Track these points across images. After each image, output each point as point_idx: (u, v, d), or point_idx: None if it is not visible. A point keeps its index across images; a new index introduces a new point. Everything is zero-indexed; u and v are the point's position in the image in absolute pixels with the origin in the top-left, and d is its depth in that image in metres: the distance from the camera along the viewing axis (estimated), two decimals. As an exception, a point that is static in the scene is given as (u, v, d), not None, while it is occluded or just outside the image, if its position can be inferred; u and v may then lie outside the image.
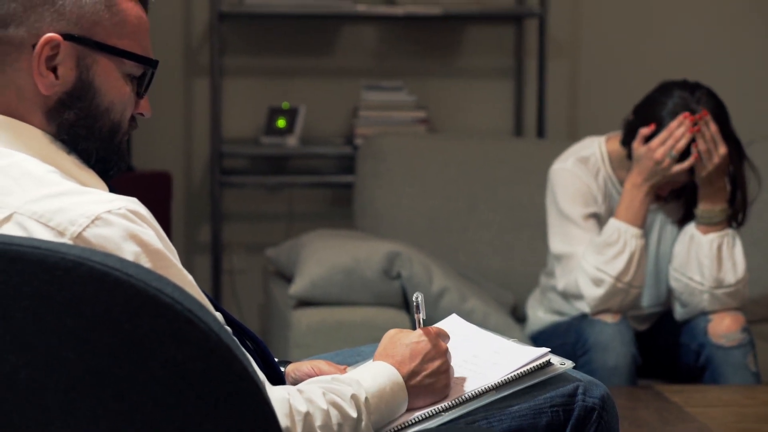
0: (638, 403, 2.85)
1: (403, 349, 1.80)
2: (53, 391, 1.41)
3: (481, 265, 3.89)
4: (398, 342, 1.81)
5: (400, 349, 1.80)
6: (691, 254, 3.23)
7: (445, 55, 4.64)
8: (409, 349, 1.80)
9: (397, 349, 1.80)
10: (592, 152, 3.34)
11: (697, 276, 3.22)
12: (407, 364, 1.78)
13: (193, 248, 4.62)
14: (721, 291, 3.22)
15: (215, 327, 1.42)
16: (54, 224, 1.52)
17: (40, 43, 1.63)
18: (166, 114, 4.54)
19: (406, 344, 1.80)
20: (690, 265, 3.23)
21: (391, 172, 3.95)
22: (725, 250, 3.23)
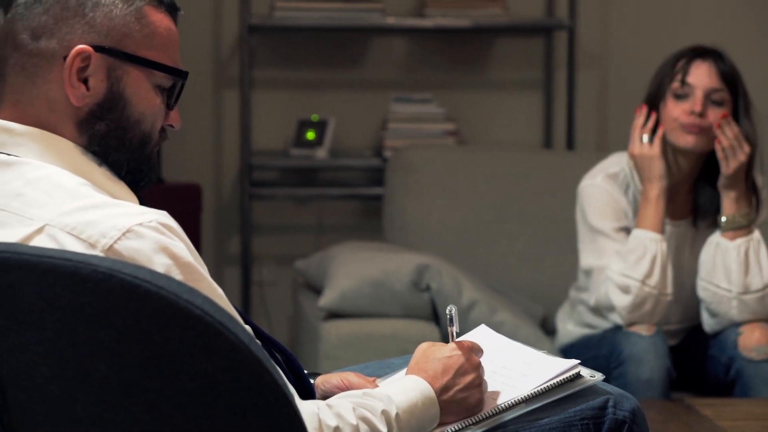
0: (669, 417, 2.84)
1: (435, 363, 1.79)
2: (84, 403, 1.41)
3: (511, 277, 3.88)
4: (431, 356, 1.80)
5: (432, 364, 1.79)
6: (717, 261, 3.22)
7: (474, 67, 4.63)
8: (442, 364, 1.79)
9: (430, 364, 1.79)
10: (621, 168, 3.34)
11: (724, 283, 3.21)
12: (440, 379, 1.77)
13: (222, 260, 4.62)
14: (749, 296, 3.20)
15: (245, 339, 1.42)
16: (85, 236, 1.53)
17: (71, 55, 1.64)
18: (196, 126, 4.55)
19: (439, 358, 1.79)
20: (716, 272, 3.22)
21: (420, 184, 3.95)
22: (752, 254, 3.22)
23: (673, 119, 3.23)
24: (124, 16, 1.67)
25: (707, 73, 3.23)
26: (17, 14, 1.67)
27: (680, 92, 3.24)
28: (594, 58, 4.66)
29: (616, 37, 4.67)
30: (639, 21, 4.66)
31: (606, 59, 4.68)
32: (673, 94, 3.24)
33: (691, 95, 3.23)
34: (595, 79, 4.68)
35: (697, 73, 3.23)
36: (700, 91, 3.22)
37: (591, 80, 4.66)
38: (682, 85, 3.23)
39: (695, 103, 3.21)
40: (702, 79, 3.23)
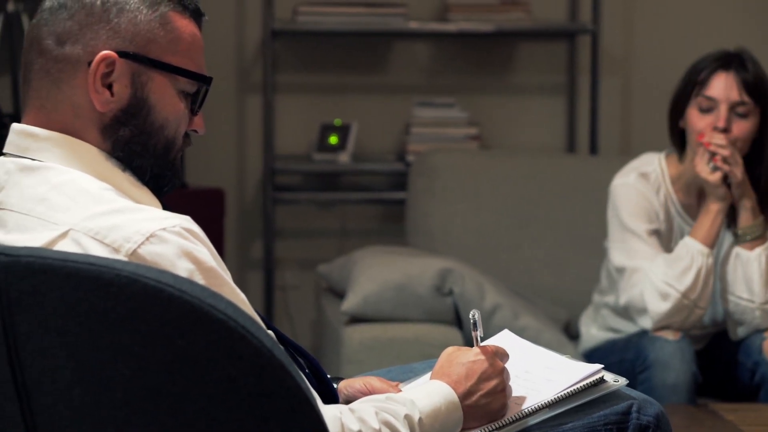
0: (693, 422, 2.83)
1: (459, 368, 1.78)
2: (108, 407, 1.42)
3: (534, 281, 3.87)
4: (455, 361, 1.80)
5: (456, 368, 1.79)
6: (738, 273, 3.21)
7: (497, 71, 4.63)
8: (465, 369, 1.78)
9: (453, 368, 1.79)
10: (653, 169, 3.32)
11: (746, 294, 3.20)
12: (463, 384, 1.77)
13: (245, 264, 4.63)
14: None
15: (268, 343, 1.42)
16: (109, 241, 1.53)
17: (95, 61, 1.65)
18: (220, 131, 4.56)
19: (463, 363, 1.79)
20: (737, 284, 3.21)
21: (443, 188, 3.95)
22: None
23: (697, 132, 3.21)
24: (148, 21, 1.68)
25: (730, 85, 3.19)
26: (42, 20, 1.68)
27: (704, 105, 3.21)
28: (617, 62, 4.65)
29: (639, 41, 4.66)
30: (662, 25, 4.65)
31: (629, 63, 4.67)
32: (698, 107, 3.21)
33: (715, 109, 3.19)
34: (619, 83, 4.67)
35: (719, 86, 3.19)
36: (724, 106, 3.18)
37: (614, 84, 4.65)
38: (705, 98, 3.20)
39: (719, 119, 3.18)
40: (725, 92, 3.19)
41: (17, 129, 1.68)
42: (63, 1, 1.67)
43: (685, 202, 3.31)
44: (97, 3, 1.67)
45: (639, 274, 3.22)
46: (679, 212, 3.31)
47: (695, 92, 3.21)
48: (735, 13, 4.66)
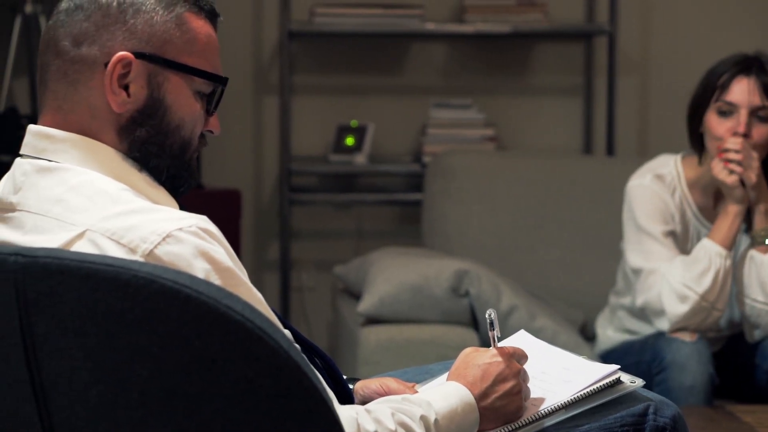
0: (710, 424, 2.82)
1: (475, 369, 1.78)
2: (125, 408, 1.42)
3: (550, 283, 3.87)
4: (471, 362, 1.80)
5: (472, 370, 1.78)
6: (752, 276, 3.20)
7: (514, 72, 4.63)
8: (481, 370, 1.78)
9: (470, 370, 1.78)
10: (669, 171, 3.32)
11: (761, 297, 3.19)
12: (479, 385, 1.77)
13: (262, 265, 4.64)
14: None
15: (285, 344, 1.42)
16: (126, 241, 1.53)
17: (112, 62, 1.65)
18: (236, 132, 4.57)
19: (479, 365, 1.79)
20: (752, 287, 3.20)
21: (459, 190, 3.94)
22: None
23: (717, 138, 3.19)
24: (164, 22, 1.68)
25: (751, 89, 3.17)
26: (58, 21, 1.68)
27: (724, 109, 3.19)
28: (634, 64, 4.65)
29: (656, 42, 4.65)
30: (679, 26, 4.64)
31: (646, 65, 4.66)
32: (717, 111, 3.20)
33: (735, 113, 3.17)
34: (636, 85, 4.66)
35: (739, 90, 3.18)
36: (744, 110, 3.16)
37: (631, 86, 4.64)
38: (725, 103, 3.19)
39: (739, 124, 3.16)
40: (745, 97, 3.17)
41: (34, 130, 1.69)
42: (79, 2, 1.68)
43: (701, 205, 3.31)
44: (114, 4, 1.67)
45: (656, 276, 3.21)
46: (695, 214, 3.30)
47: (715, 97, 3.19)
48: (751, 15, 4.65)
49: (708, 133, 3.22)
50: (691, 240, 3.30)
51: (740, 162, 3.14)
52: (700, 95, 3.24)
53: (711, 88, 3.21)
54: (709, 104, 3.21)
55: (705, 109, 3.22)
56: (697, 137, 3.27)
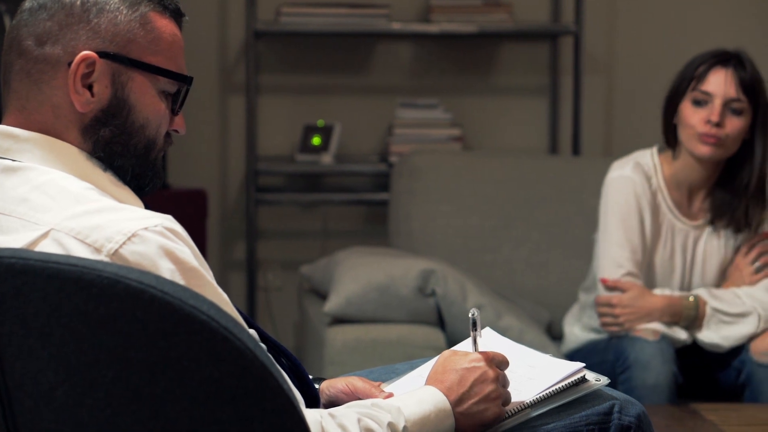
0: (674, 422, 2.84)
1: (453, 374, 1.77)
2: (90, 409, 1.41)
3: (516, 282, 3.88)
4: (449, 366, 1.78)
5: (450, 375, 1.77)
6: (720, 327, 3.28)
7: (480, 72, 4.64)
8: (459, 375, 1.76)
9: (447, 375, 1.77)
10: (647, 162, 3.34)
11: (717, 341, 3.27)
12: (455, 390, 1.75)
13: (228, 265, 4.63)
14: None
15: (251, 344, 1.42)
16: (91, 241, 1.53)
17: (75, 61, 1.64)
18: (202, 132, 4.56)
19: (457, 369, 1.77)
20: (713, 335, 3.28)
21: (426, 189, 3.95)
22: None
23: (690, 126, 3.22)
24: (128, 21, 1.67)
25: (727, 81, 3.21)
26: (22, 20, 1.68)
27: (699, 98, 3.23)
28: (600, 64, 4.66)
29: (621, 42, 4.67)
30: (645, 26, 4.66)
31: (612, 64, 4.68)
32: (692, 100, 3.23)
33: (709, 103, 3.21)
34: (601, 85, 4.68)
35: (716, 81, 3.21)
36: (718, 100, 3.20)
37: (597, 85, 4.66)
38: (701, 92, 3.22)
39: (713, 113, 3.19)
40: (721, 88, 3.21)
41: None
42: (43, 1, 1.67)
43: (676, 200, 3.33)
44: (77, 3, 1.66)
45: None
46: (670, 208, 3.32)
47: (692, 86, 3.23)
48: (718, 15, 4.67)
49: (681, 122, 3.24)
50: (665, 233, 3.32)
51: (616, 316, 3.24)
52: (677, 85, 3.27)
53: (688, 78, 3.24)
54: (685, 94, 3.24)
55: (680, 99, 3.25)
56: (672, 130, 3.29)
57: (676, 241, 3.32)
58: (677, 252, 3.32)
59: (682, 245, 3.33)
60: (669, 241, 3.32)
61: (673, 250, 3.32)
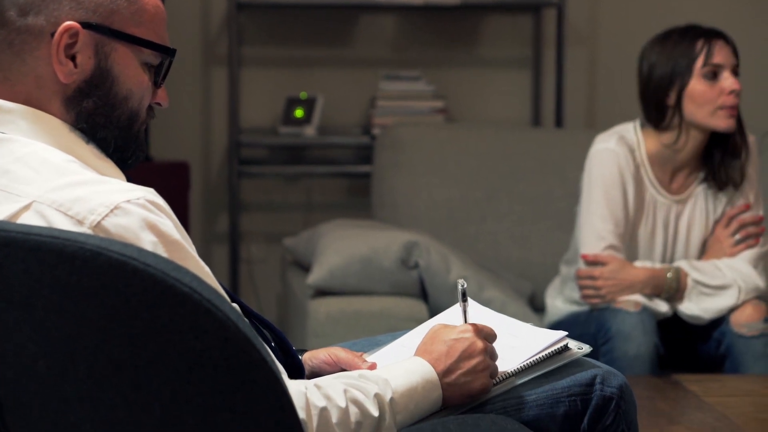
0: (656, 393, 2.85)
1: (441, 345, 1.77)
2: (72, 380, 1.41)
3: (499, 255, 3.88)
4: (438, 338, 1.78)
5: (438, 345, 1.77)
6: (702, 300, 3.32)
7: (463, 44, 4.63)
8: (447, 346, 1.77)
9: (436, 345, 1.77)
10: (630, 136, 3.34)
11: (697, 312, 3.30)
12: (443, 361, 1.75)
13: (211, 238, 4.62)
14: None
15: (233, 316, 1.42)
16: (73, 213, 1.52)
17: (58, 32, 1.64)
18: (185, 104, 4.54)
19: (445, 341, 1.77)
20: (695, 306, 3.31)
21: (409, 162, 3.95)
22: None
23: (709, 102, 3.23)
24: None
25: (729, 50, 3.27)
26: (4, -9, 1.67)
27: (709, 73, 3.24)
28: (583, 36, 4.66)
29: (604, 14, 4.66)
30: (628, -2, 4.66)
31: (595, 36, 4.68)
32: (703, 76, 3.24)
33: (720, 75, 3.24)
34: (584, 57, 4.67)
35: (721, 52, 3.25)
36: (728, 70, 3.25)
37: (580, 57, 4.66)
38: (713, 65, 3.23)
39: (733, 82, 3.23)
40: (727, 58, 3.25)
41: (-19, 102, 1.67)
42: (25, -28, 1.66)
43: (659, 177, 3.34)
44: (60, -26, 1.65)
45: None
46: (652, 182, 3.33)
47: (699, 64, 3.23)
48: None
49: (694, 100, 3.23)
50: (647, 207, 3.33)
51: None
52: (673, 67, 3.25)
53: (688, 57, 3.23)
54: (690, 73, 3.23)
55: (685, 79, 3.24)
56: (661, 109, 3.28)
57: (658, 215, 3.33)
58: (659, 226, 3.34)
59: (664, 219, 3.34)
60: (651, 215, 3.33)
61: (655, 223, 3.34)
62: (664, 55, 3.27)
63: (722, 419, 2.61)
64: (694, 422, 2.66)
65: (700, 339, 3.30)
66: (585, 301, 3.29)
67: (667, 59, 3.26)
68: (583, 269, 3.27)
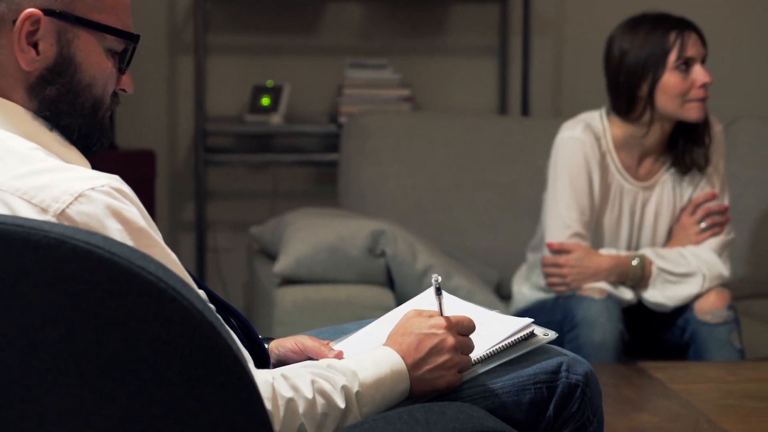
0: (621, 380, 2.86)
1: (411, 338, 1.76)
2: (38, 370, 1.41)
3: (466, 243, 3.89)
4: (409, 329, 1.78)
5: (408, 338, 1.77)
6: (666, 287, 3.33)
7: (430, 33, 4.63)
8: (417, 340, 1.76)
9: (406, 337, 1.77)
10: (596, 124, 3.35)
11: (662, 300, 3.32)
12: (412, 355, 1.75)
13: (177, 226, 4.61)
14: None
15: (199, 305, 1.42)
16: (37, 201, 1.52)
17: (20, 19, 1.63)
18: (150, 92, 4.52)
19: (416, 333, 1.77)
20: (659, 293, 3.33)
21: (375, 150, 3.95)
22: None
23: (681, 94, 3.25)
24: None
25: (698, 41, 3.28)
26: (-34, -22, 1.65)
27: (683, 66, 3.25)
28: (549, 24, 4.67)
29: (570, 3, 4.67)
30: (594, -13, 4.67)
31: (561, 25, 4.68)
32: (677, 69, 3.25)
33: (692, 67, 3.26)
34: (550, 45, 4.68)
35: (693, 45, 3.27)
36: (699, 62, 3.27)
37: (546, 46, 4.67)
38: (686, 58, 3.25)
39: (705, 75, 3.26)
40: (698, 50, 3.28)
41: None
42: (-13, -42, 1.65)
43: (626, 163, 3.36)
44: (22, -40, 1.64)
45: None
46: (618, 170, 3.35)
47: (674, 56, 3.24)
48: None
49: (667, 92, 3.25)
50: (614, 193, 3.34)
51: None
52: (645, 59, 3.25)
53: (662, 49, 3.24)
54: (664, 65, 3.24)
55: (658, 71, 3.24)
56: (632, 100, 3.29)
57: (624, 202, 3.35)
58: (625, 213, 3.35)
59: (630, 206, 3.35)
60: (617, 202, 3.34)
61: (621, 211, 3.35)
62: (636, 44, 3.27)
63: (687, 406, 2.62)
64: (660, 409, 2.68)
65: (665, 326, 3.31)
66: (551, 289, 3.30)
67: (639, 49, 3.27)
68: (548, 257, 3.28)
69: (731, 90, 4.56)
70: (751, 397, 2.71)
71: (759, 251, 3.94)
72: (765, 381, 2.89)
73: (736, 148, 3.95)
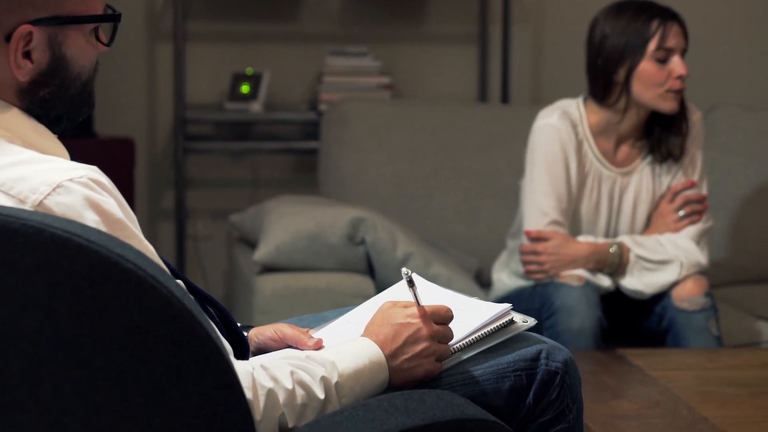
0: (601, 367, 2.87)
1: (388, 328, 1.77)
2: (17, 359, 1.41)
3: (446, 231, 3.89)
4: (386, 319, 1.79)
5: (385, 328, 1.78)
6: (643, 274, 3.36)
7: (410, 20, 4.63)
8: (394, 330, 1.77)
9: (383, 328, 1.78)
10: (572, 111, 3.35)
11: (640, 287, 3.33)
12: (389, 345, 1.76)
13: (156, 214, 4.60)
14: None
15: (178, 293, 1.42)
16: (15, 192, 1.51)
17: (14, 38, 1.63)
18: (129, 80, 4.51)
19: (392, 324, 1.78)
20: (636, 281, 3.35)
21: (355, 138, 3.94)
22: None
23: (658, 85, 3.25)
24: None
25: (680, 33, 3.28)
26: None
27: (662, 56, 3.25)
28: (529, 12, 4.67)
29: (550, -10, 4.67)
30: (573, -26, 4.67)
31: (541, 13, 4.69)
32: (656, 59, 3.25)
33: (670, 58, 3.25)
34: (530, 33, 4.69)
35: (675, 36, 3.26)
36: (678, 54, 3.26)
37: (526, 34, 4.67)
38: (665, 49, 3.25)
39: (682, 67, 3.25)
40: (679, 41, 3.27)
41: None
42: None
43: (603, 149, 3.36)
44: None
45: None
46: (596, 156, 3.35)
47: (653, 46, 3.24)
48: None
49: (644, 81, 3.24)
50: (591, 180, 3.35)
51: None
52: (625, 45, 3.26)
53: (643, 37, 3.24)
54: (643, 53, 3.24)
55: (636, 59, 3.24)
56: (608, 86, 3.29)
57: (602, 189, 3.36)
58: (603, 199, 3.36)
59: (608, 193, 3.36)
60: (595, 189, 3.35)
61: (599, 197, 3.36)
62: (617, 29, 3.27)
63: (666, 393, 2.63)
64: (639, 396, 2.69)
65: (643, 313, 3.32)
66: (529, 277, 3.31)
67: (620, 34, 3.27)
68: (526, 245, 3.29)
69: (710, 78, 4.57)
70: (730, 384, 2.72)
71: (737, 238, 3.95)
72: (743, 368, 2.90)
73: (716, 136, 3.96)
